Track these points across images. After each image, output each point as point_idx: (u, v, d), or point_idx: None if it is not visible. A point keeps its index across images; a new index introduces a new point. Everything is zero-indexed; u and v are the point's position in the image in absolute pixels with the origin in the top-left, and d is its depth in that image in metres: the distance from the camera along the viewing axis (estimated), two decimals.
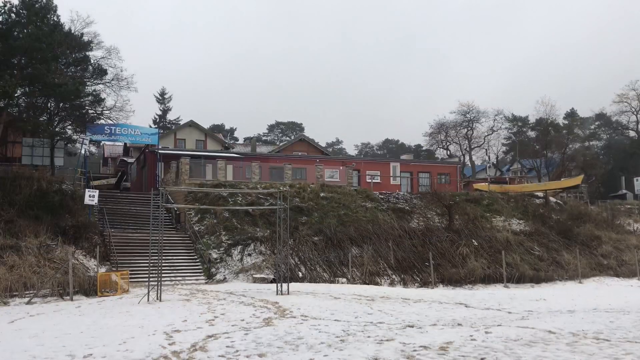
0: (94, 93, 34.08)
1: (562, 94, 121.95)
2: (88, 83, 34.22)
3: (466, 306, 17.25)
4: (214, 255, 28.11)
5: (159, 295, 17.76)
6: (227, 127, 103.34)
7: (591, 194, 59.36)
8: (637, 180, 68.26)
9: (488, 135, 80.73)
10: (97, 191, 28.69)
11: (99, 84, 35.83)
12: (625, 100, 79.73)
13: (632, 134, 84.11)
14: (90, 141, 41.39)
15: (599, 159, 75.98)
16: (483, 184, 52.32)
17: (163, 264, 20.83)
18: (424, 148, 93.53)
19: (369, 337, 10.65)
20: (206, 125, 70.72)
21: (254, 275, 26.10)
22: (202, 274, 26.58)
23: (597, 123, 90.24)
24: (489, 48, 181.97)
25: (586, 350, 9.10)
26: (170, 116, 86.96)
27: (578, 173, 56.17)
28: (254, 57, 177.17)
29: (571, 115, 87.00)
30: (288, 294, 19.31)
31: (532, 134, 74.15)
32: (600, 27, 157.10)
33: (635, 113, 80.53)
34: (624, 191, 70.77)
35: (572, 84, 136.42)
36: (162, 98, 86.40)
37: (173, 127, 70.50)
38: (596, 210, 45.76)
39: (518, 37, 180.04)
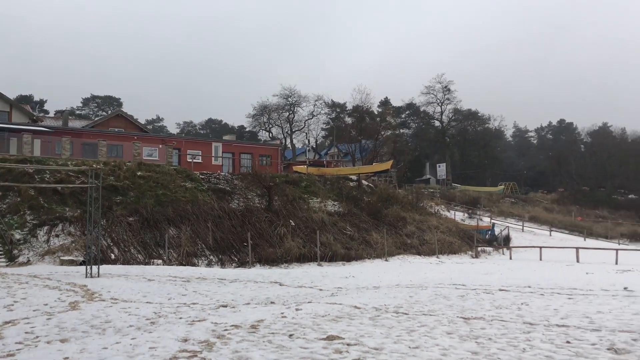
0: None
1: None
2: None
3: (280, 284, 17.69)
4: (17, 236, 26.00)
5: None
6: (36, 98, 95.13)
7: (399, 178, 63.95)
8: (439, 166, 75.16)
9: (308, 119, 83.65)
10: None
11: None
12: (432, 92, 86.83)
13: (437, 123, 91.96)
14: None
15: (408, 146, 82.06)
16: (302, 166, 54.07)
17: None
18: (247, 129, 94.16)
19: (180, 318, 10.49)
20: (12, 95, 64.49)
21: (61, 258, 24.53)
22: (3, 256, 24.54)
23: (407, 112, 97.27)
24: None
25: (386, 323, 9.71)
26: None
27: (388, 158, 60.27)
28: (69, 21, 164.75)
29: (385, 103, 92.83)
30: (98, 276, 18.42)
31: (349, 120, 77.83)
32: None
33: (440, 104, 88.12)
34: (428, 176, 77.61)
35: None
36: None
37: None
38: (403, 193, 49.51)
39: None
